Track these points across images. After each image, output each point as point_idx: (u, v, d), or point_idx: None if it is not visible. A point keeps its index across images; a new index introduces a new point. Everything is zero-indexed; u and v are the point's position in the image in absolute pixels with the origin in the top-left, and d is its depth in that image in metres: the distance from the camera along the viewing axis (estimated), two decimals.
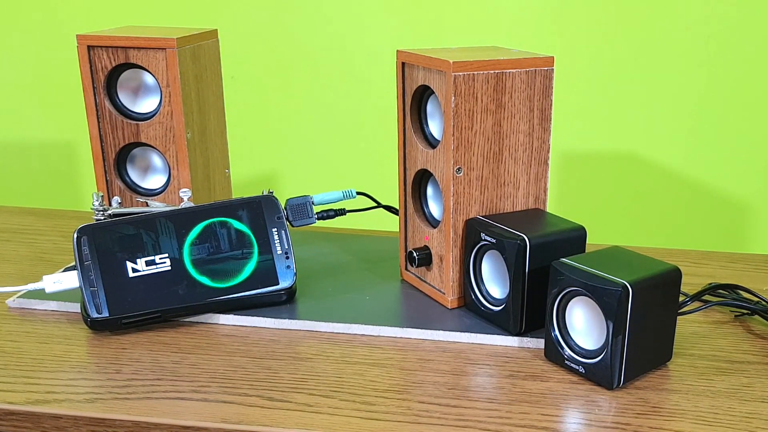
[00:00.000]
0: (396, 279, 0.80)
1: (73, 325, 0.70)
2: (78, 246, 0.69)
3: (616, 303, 0.57)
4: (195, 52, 0.83)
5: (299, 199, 0.78)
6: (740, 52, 1.12)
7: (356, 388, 0.61)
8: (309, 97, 1.25)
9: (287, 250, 0.73)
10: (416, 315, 0.72)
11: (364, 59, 1.21)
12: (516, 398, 0.59)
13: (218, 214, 0.72)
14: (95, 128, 0.83)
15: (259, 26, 1.23)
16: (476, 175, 0.70)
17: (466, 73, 0.67)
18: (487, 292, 0.70)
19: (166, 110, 0.81)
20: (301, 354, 0.66)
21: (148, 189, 0.86)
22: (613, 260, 0.63)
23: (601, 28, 1.15)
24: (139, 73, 0.83)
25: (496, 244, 0.67)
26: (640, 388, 0.61)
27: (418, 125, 0.75)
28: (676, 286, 0.62)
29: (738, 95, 1.14)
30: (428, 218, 0.77)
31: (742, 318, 0.74)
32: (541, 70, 0.70)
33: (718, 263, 0.88)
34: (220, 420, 0.56)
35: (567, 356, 0.63)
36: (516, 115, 0.70)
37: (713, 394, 0.60)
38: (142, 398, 0.59)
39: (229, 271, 0.71)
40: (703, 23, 1.12)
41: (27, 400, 0.58)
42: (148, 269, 0.69)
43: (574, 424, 0.57)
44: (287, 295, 0.73)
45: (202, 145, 0.87)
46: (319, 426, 0.56)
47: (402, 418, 0.57)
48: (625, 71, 1.16)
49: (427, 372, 0.63)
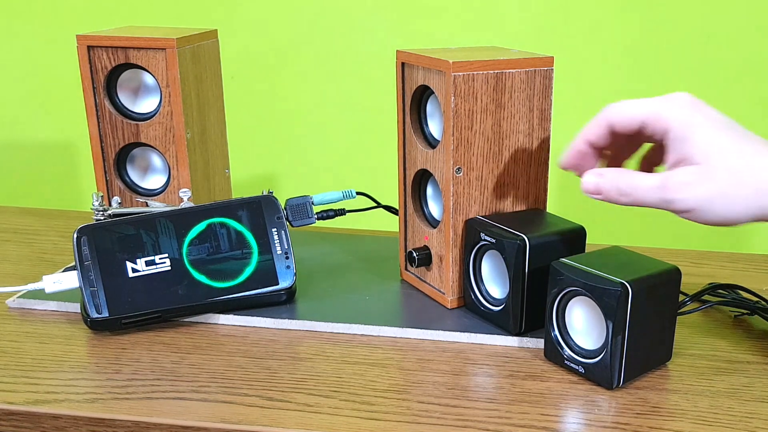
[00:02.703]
0: (396, 279, 0.80)
1: (73, 325, 0.70)
2: (78, 246, 0.69)
3: (615, 303, 0.57)
4: (195, 52, 0.83)
5: (299, 199, 0.78)
6: (740, 52, 1.12)
7: (356, 388, 0.61)
8: (309, 97, 1.25)
9: (287, 250, 0.73)
10: (416, 315, 0.72)
11: (364, 59, 1.21)
12: (516, 398, 0.60)
13: (218, 214, 0.72)
14: (95, 128, 0.83)
15: (259, 26, 1.23)
16: (476, 175, 0.70)
17: (466, 73, 0.67)
18: (486, 292, 0.70)
19: (166, 110, 0.81)
20: (301, 354, 0.66)
21: (148, 189, 0.86)
22: (613, 260, 0.63)
23: (601, 28, 1.15)
24: (139, 74, 0.83)
25: (495, 244, 0.67)
26: (639, 388, 0.61)
27: (417, 125, 0.75)
28: (676, 286, 0.62)
29: (738, 95, 1.14)
30: (428, 218, 0.77)
31: (741, 318, 0.74)
32: (540, 70, 0.70)
33: (718, 263, 0.88)
34: (220, 420, 0.56)
35: (567, 356, 0.63)
36: (516, 115, 0.70)
37: (713, 394, 0.60)
38: (142, 398, 0.59)
39: (229, 271, 0.71)
40: (703, 23, 1.12)
41: (27, 401, 0.58)
42: (148, 269, 0.69)
43: (573, 424, 0.57)
44: (287, 295, 0.73)
45: (202, 145, 0.87)
46: (318, 426, 0.56)
47: (402, 418, 0.57)
48: (625, 71, 1.16)
49: (426, 372, 0.63)
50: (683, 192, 0.55)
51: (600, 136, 0.60)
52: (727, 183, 0.54)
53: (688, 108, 0.57)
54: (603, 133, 0.60)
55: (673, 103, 0.57)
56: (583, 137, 0.61)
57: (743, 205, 0.54)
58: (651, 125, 0.57)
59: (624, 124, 0.58)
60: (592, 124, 0.60)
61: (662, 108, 0.57)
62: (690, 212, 0.55)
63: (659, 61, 1.14)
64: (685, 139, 0.55)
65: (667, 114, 0.57)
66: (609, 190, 0.58)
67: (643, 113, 0.58)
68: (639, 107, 0.58)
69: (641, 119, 0.58)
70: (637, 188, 0.57)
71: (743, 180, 0.54)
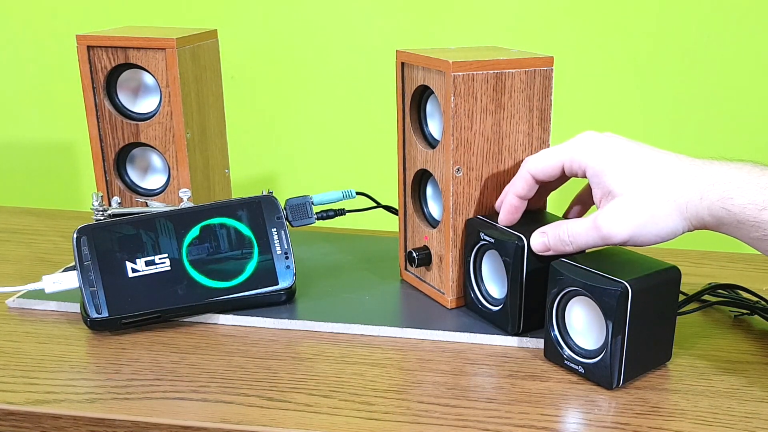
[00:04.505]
0: (395, 279, 0.80)
1: (73, 326, 0.70)
2: (77, 246, 0.69)
3: (615, 303, 0.57)
4: (195, 52, 0.83)
5: (299, 199, 0.78)
6: (740, 52, 1.12)
7: (356, 388, 0.61)
8: (309, 97, 1.25)
9: (287, 250, 0.73)
10: (416, 315, 0.72)
11: (364, 59, 1.21)
12: (515, 398, 0.59)
13: (218, 214, 0.72)
14: (95, 128, 0.83)
15: (259, 26, 1.23)
16: (476, 175, 0.70)
17: (466, 73, 0.67)
18: (486, 292, 0.70)
19: (166, 110, 0.81)
20: (301, 354, 0.66)
21: (147, 189, 0.86)
22: (613, 260, 0.63)
23: (601, 28, 1.15)
24: (139, 73, 0.83)
25: (494, 243, 0.67)
26: (639, 388, 0.61)
27: (417, 125, 0.75)
28: (676, 286, 0.62)
29: (738, 95, 1.13)
30: (428, 218, 0.77)
31: (741, 318, 0.74)
32: (540, 70, 0.70)
33: (718, 263, 0.88)
34: (220, 420, 0.56)
35: (566, 356, 0.63)
36: (515, 115, 0.70)
37: (713, 394, 0.60)
38: (142, 398, 0.59)
39: (229, 271, 0.71)
40: (703, 23, 1.12)
41: (27, 401, 0.58)
42: (147, 269, 0.69)
43: (573, 424, 0.57)
44: (287, 295, 0.73)
45: (202, 145, 0.87)
46: (318, 426, 0.56)
47: (401, 418, 0.57)
48: (624, 71, 1.16)
49: (426, 372, 0.63)
50: (615, 227, 0.59)
51: (528, 189, 0.66)
52: (650, 207, 0.58)
53: (598, 145, 0.62)
54: (529, 185, 0.66)
55: (583, 143, 0.62)
56: (514, 194, 0.66)
57: (672, 222, 0.58)
58: (569, 168, 0.63)
59: (546, 174, 0.64)
60: (517, 181, 0.66)
61: (574, 151, 0.62)
62: (628, 241, 0.60)
63: (659, 61, 1.14)
64: (603, 173, 0.61)
65: (581, 156, 0.62)
66: (555, 244, 0.63)
67: (560, 160, 0.63)
68: (554, 156, 0.64)
69: (559, 166, 0.63)
70: (577, 235, 0.61)
71: (662, 200, 0.58)
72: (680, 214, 0.58)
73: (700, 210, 0.57)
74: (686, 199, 0.58)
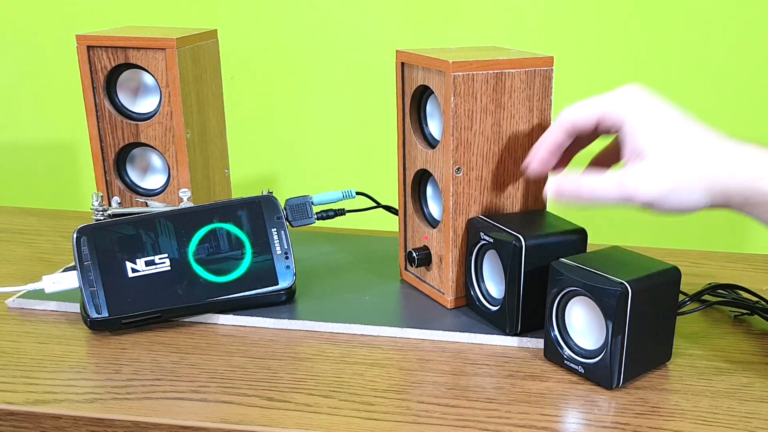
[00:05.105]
0: (395, 279, 0.80)
1: (73, 326, 0.70)
2: (77, 246, 0.69)
3: (615, 303, 0.57)
4: (194, 52, 0.83)
5: (299, 199, 0.78)
6: (740, 52, 1.12)
7: (356, 388, 0.61)
8: (309, 97, 1.25)
9: (287, 250, 0.73)
10: (416, 315, 0.72)
11: (364, 59, 1.21)
12: (515, 398, 0.59)
13: (218, 214, 0.72)
14: (95, 128, 0.83)
15: (259, 26, 1.23)
16: (476, 175, 0.70)
17: (466, 73, 0.67)
18: (486, 292, 0.70)
19: (166, 110, 0.81)
20: (301, 354, 0.66)
21: (147, 189, 0.86)
22: (613, 260, 0.63)
23: (601, 27, 1.15)
24: (139, 74, 0.83)
25: (493, 244, 0.67)
26: (639, 388, 0.61)
27: (417, 125, 0.75)
28: (676, 286, 0.62)
29: (737, 95, 1.13)
30: (428, 218, 0.77)
31: (741, 318, 0.74)
32: (540, 70, 0.70)
33: (718, 263, 0.88)
34: (220, 420, 0.56)
35: (566, 356, 0.63)
36: (515, 115, 0.70)
37: (713, 394, 0.60)
38: (142, 398, 0.59)
39: (229, 271, 0.71)
40: (703, 23, 1.12)
41: (26, 401, 0.58)
42: (147, 269, 0.69)
43: (573, 424, 0.57)
44: (287, 295, 0.73)
45: (202, 145, 0.87)
46: (318, 426, 0.56)
47: (401, 418, 0.57)
48: (624, 71, 1.16)
49: (426, 372, 0.63)
50: (642, 187, 0.58)
51: (562, 138, 0.63)
52: (678, 175, 0.57)
53: (639, 101, 0.60)
54: (564, 134, 0.63)
55: (625, 97, 0.61)
56: (552, 144, 0.64)
57: (697, 194, 0.58)
58: (606, 120, 0.61)
59: (583, 124, 0.62)
60: (555, 130, 0.64)
61: (615, 103, 0.61)
62: (650, 204, 0.58)
63: (659, 61, 1.14)
64: (637, 132, 0.59)
65: (620, 109, 0.60)
66: (571, 188, 0.61)
67: (599, 110, 0.61)
68: (593, 106, 0.62)
69: (598, 116, 0.61)
70: (598, 188, 0.60)
71: (691, 171, 0.57)
72: (706, 189, 0.57)
73: (730, 187, 0.57)
74: (716, 173, 0.57)
